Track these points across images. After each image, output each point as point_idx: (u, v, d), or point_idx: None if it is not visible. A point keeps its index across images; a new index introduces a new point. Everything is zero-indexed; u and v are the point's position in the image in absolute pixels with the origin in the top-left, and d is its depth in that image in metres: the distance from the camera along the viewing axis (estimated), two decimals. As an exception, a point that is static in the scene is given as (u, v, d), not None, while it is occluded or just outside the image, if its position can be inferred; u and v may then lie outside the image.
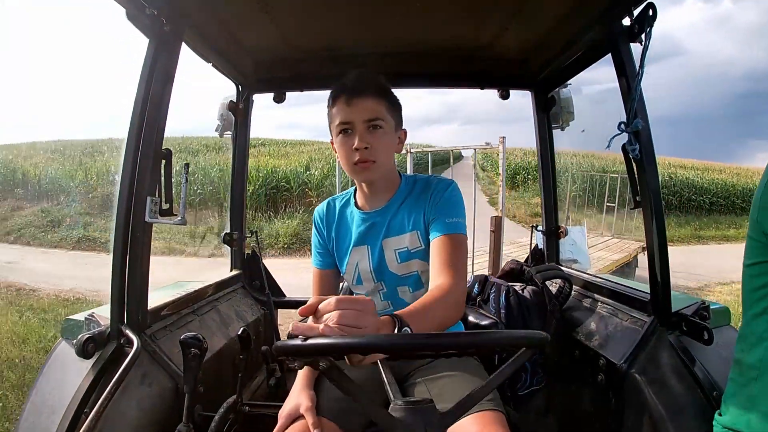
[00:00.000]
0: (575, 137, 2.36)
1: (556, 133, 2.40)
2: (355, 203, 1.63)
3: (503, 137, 5.53)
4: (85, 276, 8.21)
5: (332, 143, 1.56)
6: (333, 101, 1.49)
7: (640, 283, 1.86)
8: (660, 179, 1.57)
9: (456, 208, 1.50)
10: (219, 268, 2.53)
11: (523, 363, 1.03)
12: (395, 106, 1.52)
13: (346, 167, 1.51)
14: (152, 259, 1.54)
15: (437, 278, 1.38)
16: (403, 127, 1.58)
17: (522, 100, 2.47)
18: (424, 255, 1.53)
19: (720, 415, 1.21)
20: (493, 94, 2.40)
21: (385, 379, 1.12)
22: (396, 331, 1.10)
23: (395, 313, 1.12)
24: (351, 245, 1.60)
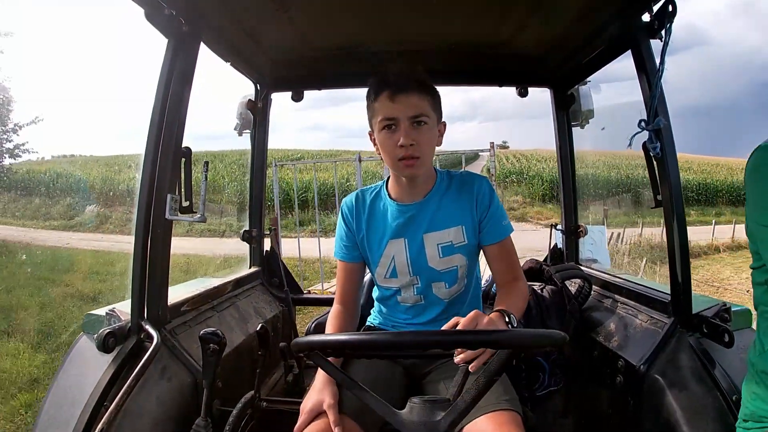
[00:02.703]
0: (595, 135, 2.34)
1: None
2: (389, 195, 1.62)
3: (492, 142, 5.76)
4: (191, 246, 12.36)
5: (370, 135, 1.56)
6: (375, 96, 1.48)
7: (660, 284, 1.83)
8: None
9: (502, 208, 1.60)
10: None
11: (504, 362, 1.02)
12: (437, 101, 1.53)
13: (388, 162, 1.51)
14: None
15: (506, 278, 1.58)
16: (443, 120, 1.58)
17: (541, 96, 2.45)
18: (467, 250, 1.57)
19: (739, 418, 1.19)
20: (513, 89, 2.39)
21: (457, 377, 1.13)
22: (507, 320, 1.34)
23: (500, 308, 1.39)
24: (387, 238, 1.59)
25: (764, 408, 1.11)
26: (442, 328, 1.27)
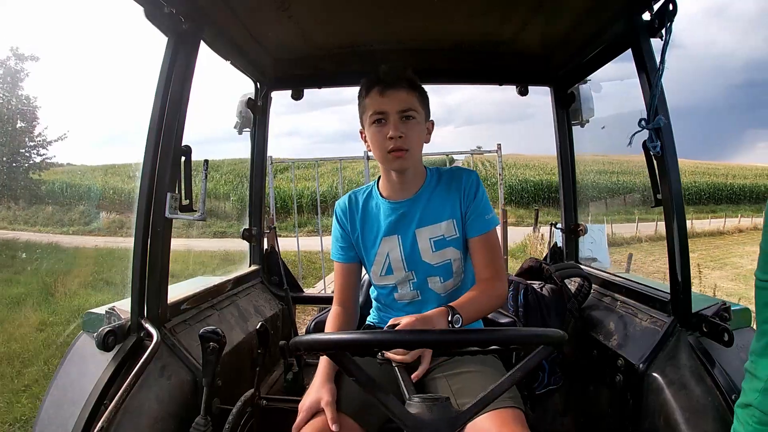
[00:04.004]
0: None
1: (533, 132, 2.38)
2: (380, 194, 1.63)
3: (499, 144, 5.80)
4: (209, 245, 14.60)
5: (361, 133, 1.60)
6: (366, 92, 1.53)
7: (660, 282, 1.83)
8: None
9: (488, 202, 1.60)
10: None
11: (538, 361, 1.03)
12: (425, 98, 1.56)
13: (378, 156, 1.54)
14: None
15: (482, 273, 1.56)
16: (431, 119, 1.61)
17: (517, 100, 2.46)
18: (459, 243, 1.58)
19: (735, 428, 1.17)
20: (490, 95, 2.41)
21: (399, 376, 1.14)
22: (450, 318, 1.32)
23: (450, 304, 1.35)
24: (381, 235, 1.61)
25: None
26: (386, 326, 1.30)
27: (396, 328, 1.25)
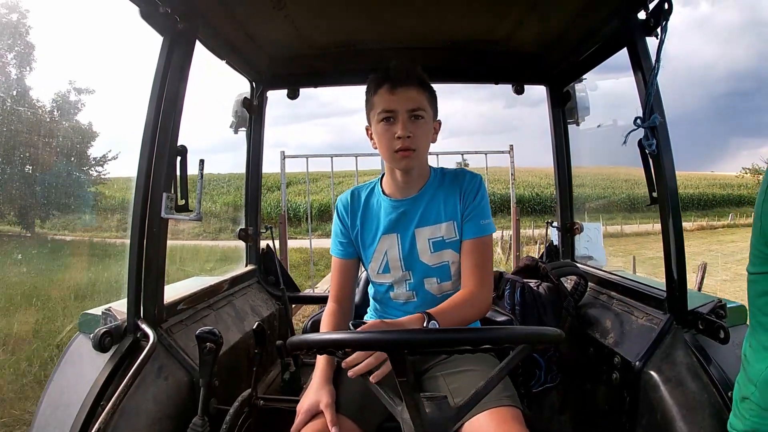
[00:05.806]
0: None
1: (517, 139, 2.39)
2: (382, 191, 1.62)
3: (511, 145, 5.80)
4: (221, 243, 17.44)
5: (367, 130, 1.59)
6: (375, 89, 1.51)
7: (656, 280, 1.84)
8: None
9: (487, 207, 1.58)
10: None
11: (522, 358, 1.03)
12: (433, 98, 1.55)
13: (385, 154, 1.52)
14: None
15: (468, 279, 1.53)
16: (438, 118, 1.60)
17: (503, 111, 2.46)
18: (458, 246, 1.57)
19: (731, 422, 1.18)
20: (476, 107, 2.40)
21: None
22: (425, 325, 1.28)
23: (427, 311, 1.32)
24: (380, 233, 1.60)
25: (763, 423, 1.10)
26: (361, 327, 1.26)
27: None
